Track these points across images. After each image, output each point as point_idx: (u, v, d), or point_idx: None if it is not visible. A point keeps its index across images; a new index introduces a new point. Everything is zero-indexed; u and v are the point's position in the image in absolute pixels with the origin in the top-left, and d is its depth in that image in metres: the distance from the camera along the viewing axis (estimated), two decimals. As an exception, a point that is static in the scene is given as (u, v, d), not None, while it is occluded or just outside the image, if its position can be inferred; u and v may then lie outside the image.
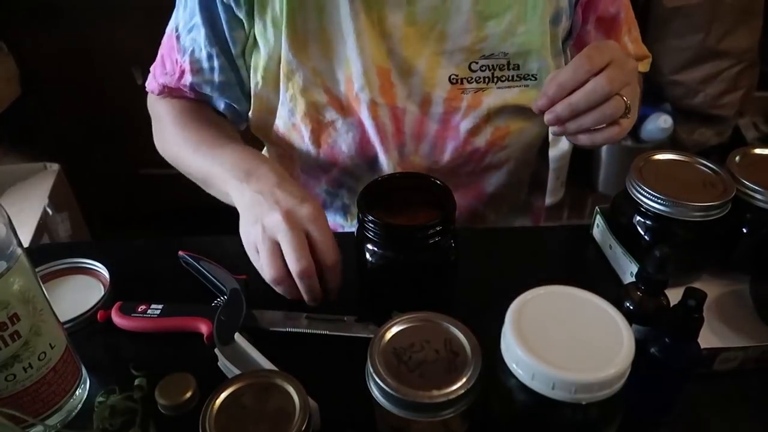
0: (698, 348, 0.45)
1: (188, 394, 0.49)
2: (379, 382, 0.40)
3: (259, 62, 0.70)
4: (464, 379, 0.40)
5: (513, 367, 0.38)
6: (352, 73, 0.68)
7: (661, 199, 0.56)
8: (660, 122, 1.74)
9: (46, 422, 0.47)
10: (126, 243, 0.70)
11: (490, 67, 0.69)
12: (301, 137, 0.73)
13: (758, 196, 0.57)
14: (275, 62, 0.69)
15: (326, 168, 0.76)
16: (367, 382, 0.42)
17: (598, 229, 0.67)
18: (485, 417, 0.43)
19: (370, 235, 0.53)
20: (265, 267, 0.54)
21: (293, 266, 0.52)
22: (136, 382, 0.51)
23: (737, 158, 0.61)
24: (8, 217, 0.44)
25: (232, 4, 0.66)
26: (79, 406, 0.51)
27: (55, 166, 1.60)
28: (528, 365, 0.37)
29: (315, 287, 0.54)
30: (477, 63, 0.69)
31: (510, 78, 0.70)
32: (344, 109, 0.71)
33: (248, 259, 0.56)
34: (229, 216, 0.62)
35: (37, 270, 0.48)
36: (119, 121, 1.77)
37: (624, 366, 0.36)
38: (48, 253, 0.64)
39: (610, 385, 0.36)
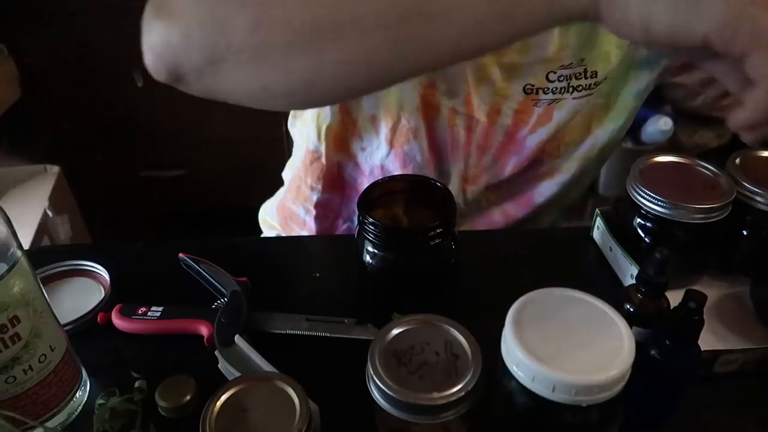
0: (698, 350, 0.45)
1: (188, 397, 0.49)
2: (380, 384, 0.40)
3: None
4: (465, 382, 0.40)
5: (513, 369, 0.38)
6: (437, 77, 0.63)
7: (662, 202, 0.56)
8: (660, 124, 1.74)
9: (46, 424, 0.47)
10: (126, 245, 0.70)
11: (567, 76, 0.64)
12: (377, 131, 0.68)
13: (759, 199, 0.57)
14: None
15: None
16: (367, 384, 0.42)
17: (599, 231, 0.67)
18: (486, 419, 0.43)
19: (370, 237, 0.53)
20: None
21: None
22: (137, 384, 0.51)
23: (738, 160, 0.61)
24: (8, 219, 0.44)
25: None
26: (79, 408, 0.51)
27: (56, 169, 1.60)
28: (528, 367, 0.37)
29: None
30: (555, 73, 0.63)
31: (587, 87, 0.65)
32: (426, 113, 0.66)
33: (249, 261, 0.56)
34: (230, 218, 0.61)
35: (37, 272, 0.47)
36: (120, 124, 1.77)
37: (624, 368, 0.36)
38: (48, 256, 0.63)
39: (611, 387, 0.36)
